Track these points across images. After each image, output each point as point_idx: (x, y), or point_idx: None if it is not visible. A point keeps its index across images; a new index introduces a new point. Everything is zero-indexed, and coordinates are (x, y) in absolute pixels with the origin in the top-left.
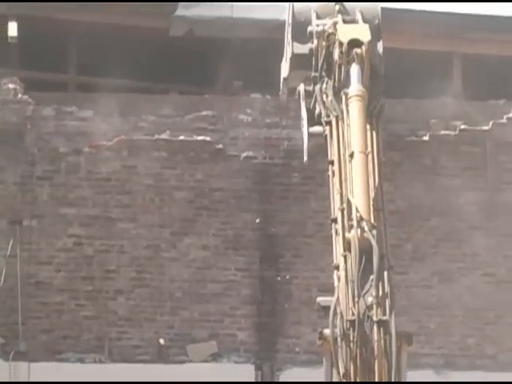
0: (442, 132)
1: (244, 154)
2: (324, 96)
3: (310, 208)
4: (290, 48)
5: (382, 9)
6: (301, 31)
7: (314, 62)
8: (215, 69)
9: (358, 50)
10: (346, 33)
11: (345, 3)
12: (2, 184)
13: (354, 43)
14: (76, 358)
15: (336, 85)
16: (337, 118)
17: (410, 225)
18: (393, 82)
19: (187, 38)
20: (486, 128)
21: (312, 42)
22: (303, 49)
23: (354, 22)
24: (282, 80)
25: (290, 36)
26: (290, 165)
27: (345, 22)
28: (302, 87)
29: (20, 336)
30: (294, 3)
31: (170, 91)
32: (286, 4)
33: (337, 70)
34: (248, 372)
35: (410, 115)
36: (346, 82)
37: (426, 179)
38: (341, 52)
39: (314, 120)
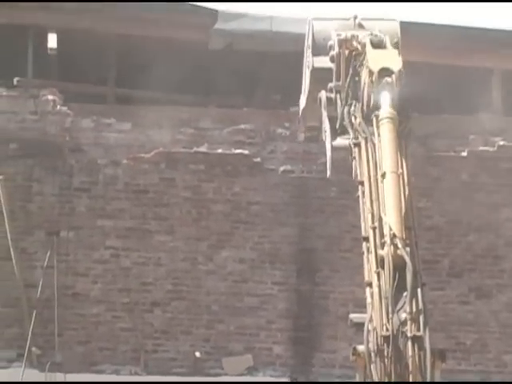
0: (481, 148)
1: (282, 168)
2: (352, 118)
3: (348, 222)
4: (310, 69)
5: (422, 24)
6: (321, 49)
7: (335, 69)
8: (254, 82)
9: (389, 79)
10: (376, 60)
11: (363, 22)
12: (40, 195)
13: (385, 72)
14: (112, 370)
15: (365, 109)
16: (366, 139)
17: (448, 240)
18: (433, 98)
19: (226, 52)
20: None
21: (331, 50)
22: (323, 62)
23: (381, 44)
24: (299, 117)
25: (308, 62)
26: (328, 179)
27: (373, 44)
28: (323, 94)
29: (56, 347)
30: (314, 22)
31: (208, 104)
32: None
33: (366, 95)
34: None
35: (449, 131)
36: (375, 106)
37: (464, 195)
38: (371, 81)
39: (335, 131)
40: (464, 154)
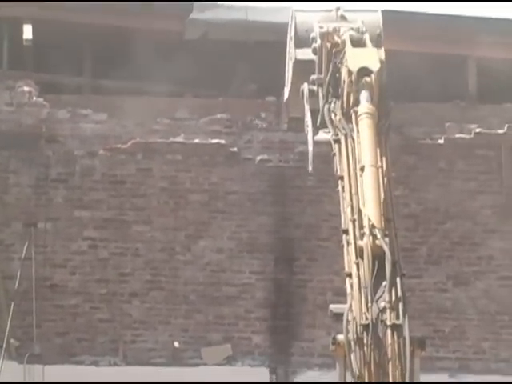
0: (457, 135)
1: (259, 158)
2: (332, 115)
3: (325, 211)
4: (293, 61)
5: (397, 12)
6: (303, 40)
7: (317, 62)
8: (230, 72)
9: (368, 79)
10: (355, 60)
11: (346, 13)
12: (16, 187)
13: (364, 72)
14: (90, 361)
15: (345, 106)
16: (345, 135)
17: (425, 228)
18: (409, 86)
19: (202, 41)
20: (500, 131)
21: (314, 42)
22: (306, 54)
23: (360, 41)
24: (283, 108)
25: (291, 53)
26: (305, 168)
27: (352, 42)
28: (305, 87)
29: (35, 339)
30: (296, 14)
31: (184, 94)
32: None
33: (345, 93)
34: (262, 375)
35: (425, 119)
36: (355, 102)
37: (440, 182)
38: (350, 81)
39: (317, 125)
40: (440, 141)
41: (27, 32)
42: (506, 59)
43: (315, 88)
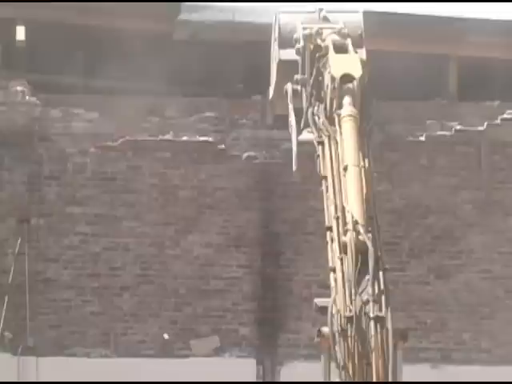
0: (438, 132)
1: (245, 154)
2: (316, 118)
3: (310, 207)
4: (277, 62)
5: (379, 13)
6: (287, 41)
7: (300, 62)
8: (217, 72)
9: (350, 85)
10: (338, 66)
11: (328, 14)
12: (10, 184)
13: (346, 78)
14: (83, 353)
15: (328, 109)
16: (329, 137)
17: (407, 223)
18: (391, 84)
19: (190, 42)
20: (480, 129)
21: (297, 43)
22: (289, 54)
23: (343, 47)
24: (268, 106)
25: (275, 54)
26: (291, 164)
27: (335, 48)
28: (289, 87)
29: (28, 331)
30: (280, 15)
31: (173, 94)
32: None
33: (328, 97)
34: (250, 366)
35: (407, 116)
36: (338, 106)
37: (422, 178)
38: (333, 87)
39: (300, 125)
40: (422, 138)
41: (20, 33)
42: (486, 58)
43: (299, 87)
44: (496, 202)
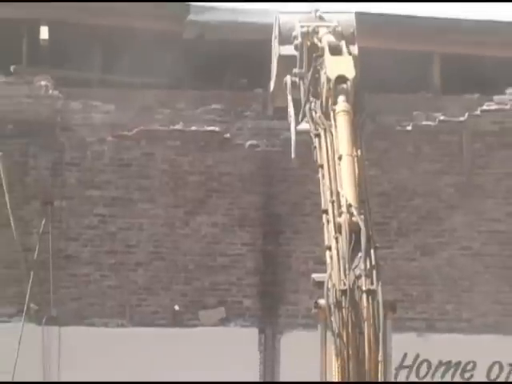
0: (424, 123)
1: (248, 143)
2: (313, 113)
3: (307, 190)
4: (277, 57)
5: (371, 14)
6: (286, 39)
7: (298, 57)
8: (223, 67)
9: (344, 86)
10: (333, 68)
11: (323, 14)
12: (35, 169)
13: (341, 79)
14: (101, 323)
15: (324, 105)
16: (325, 130)
17: (395, 204)
18: (381, 79)
19: (198, 40)
20: (462, 119)
21: (296, 39)
22: (288, 50)
23: (337, 48)
24: (269, 99)
25: (275, 50)
26: (290, 152)
27: (330, 49)
28: (288, 79)
29: (52, 303)
30: (280, 15)
31: (183, 87)
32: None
33: (324, 94)
34: (252, 335)
35: (396, 108)
36: (333, 102)
37: (409, 164)
38: (329, 87)
39: (299, 115)
40: (409, 128)
41: (44, 32)
42: (466, 55)
43: (297, 80)
44: (476, 185)
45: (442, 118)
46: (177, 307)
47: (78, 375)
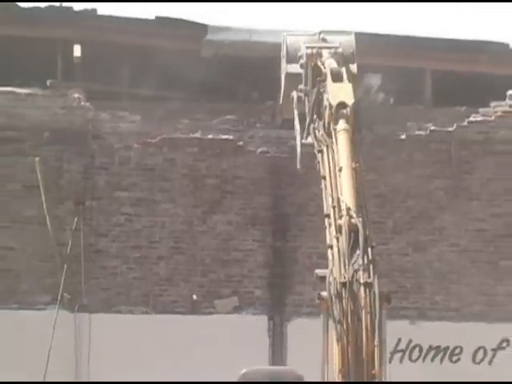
0: (416, 132)
1: (259, 150)
2: (316, 131)
3: (312, 192)
4: (284, 74)
5: (370, 34)
6: (293, 58)
7: (304, 75)
8: (237, 82)
9: (344, 111)
10: (334, 95)
11: (326, 36)
12: (68, 173)
13: (341, 105)
14: (127, 310)
15: (326, 125)
16: (327, 146)
17: (391, 205)
18: (378, 92)
19: (215, 58)
20: (450, 129)
21: (301, 59)
22: (295, 68)
23: (338, 75)
24: (278, 111)
25: (283, 68)
26: (296, 157)
27: (332, 76)
28: (295, 94)
29: (83, 293)
30: (287, 37)
31: (201, 100)
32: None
33: (327, 117)
34: (262, 322)
35: (391, 119)
36: (334, 123)
37: (403, 170)
38: (330, 113)
39: (304, 129)
40: (403, 137)
41: (77, 50)
42: (455, 72)
43: (302, 96)
44: (463, 189)
45: (432, 128)
46: (195, 297)
47: (106, 357)
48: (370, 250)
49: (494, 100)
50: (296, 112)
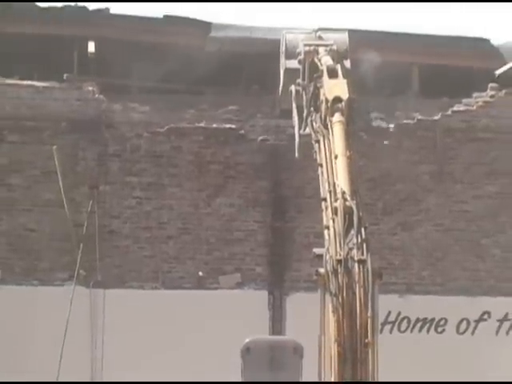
0: (404, 121)
1: (260, 138)
2: (314, 123)
3: (309, 177)
4: (283, 69)
5: (365, 31)
6: (291, 54)
7: (301, 70)
8: (239, 76)
9: (340, 105)
10: (330, 90)
11: (322, 34)
12: (84, 160)
13: (337, 100)
14: (138, 286)
15: (322, 117)
16: (323, 137)
17: (381, 189)
18: (369, 84)
19: (218, 53)
20: (436, 118)
21: (299, 55)
22: (293, 64)
23: (334, 71)
24: (277, 102)
25: (282, 63)
26: (293, 145)
27: (328, 72)
28: (293, 88)
29: (98, 270)
30: (286, 34)
31: (206, 92)
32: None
33: (323, 110)
34: (263, 296)
35: (381, 109)
36: (330, 115)
37: (392, 155)
38: (327, 106)
39: (302, 120)
40: (392, 125)
41: (91, 47)
42: (441, 65)
43: (300, 89)
44: (447, 173)
45: (419, 117)
46: (200, 273)
47: (119, 329)
48: (363, 230)
49: (476, 91)
50: (294, 105)
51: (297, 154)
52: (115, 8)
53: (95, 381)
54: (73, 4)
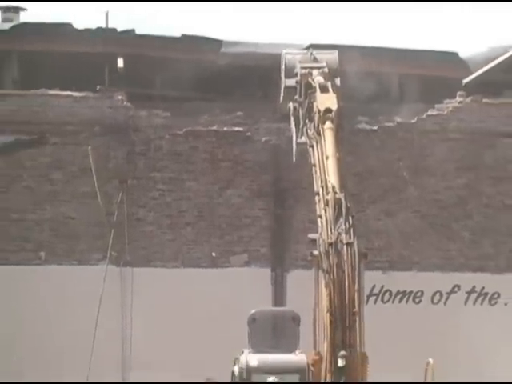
0: (386, 124)
1: (263, 139)
2: (308, 131)
3: (305, 172)
4: (283, 86)
5: (356, 47)
6: (290, 73)
7: (298, 89)
8: (246, 85)
9: (330, 115)
10: (322, 103)
11: (316, 54)
12: (114, 158)
13: (327, 111)
14: (161, 265)
15: (315, 125)
16: (316, 142)
17: (367, 181)
18: (356, 92)
19: (229, 66)
20: (413, 121)
21: (297, 76)
22: (291, 82)
23: (325, 87)
24: (278, 108)
25: (282, 80)
26: (292, 145)
27: (320, 88)
28: (291, 105)
29: (127, 251)
30: (286, 55)
31: (218, 100)
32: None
33: (316, 119)
34: (266, 273)
35: (366, 113)
36: (322, 124)
37: (375, 153)
38: (319, 116)
39: (299, 130)
40: (375, 128)
41: (120, 62)
42: (416, 75)
43: (297, 105)
44: (423, 167)
45: (399, 120)
46: (214, 254)
47: (145, 301)
48: (350, 218)
49: (447, 98)
50: (292, 118)
51: (294, 159)
52: (140, 29)
53: (97, 378)
54: (104, 26)
